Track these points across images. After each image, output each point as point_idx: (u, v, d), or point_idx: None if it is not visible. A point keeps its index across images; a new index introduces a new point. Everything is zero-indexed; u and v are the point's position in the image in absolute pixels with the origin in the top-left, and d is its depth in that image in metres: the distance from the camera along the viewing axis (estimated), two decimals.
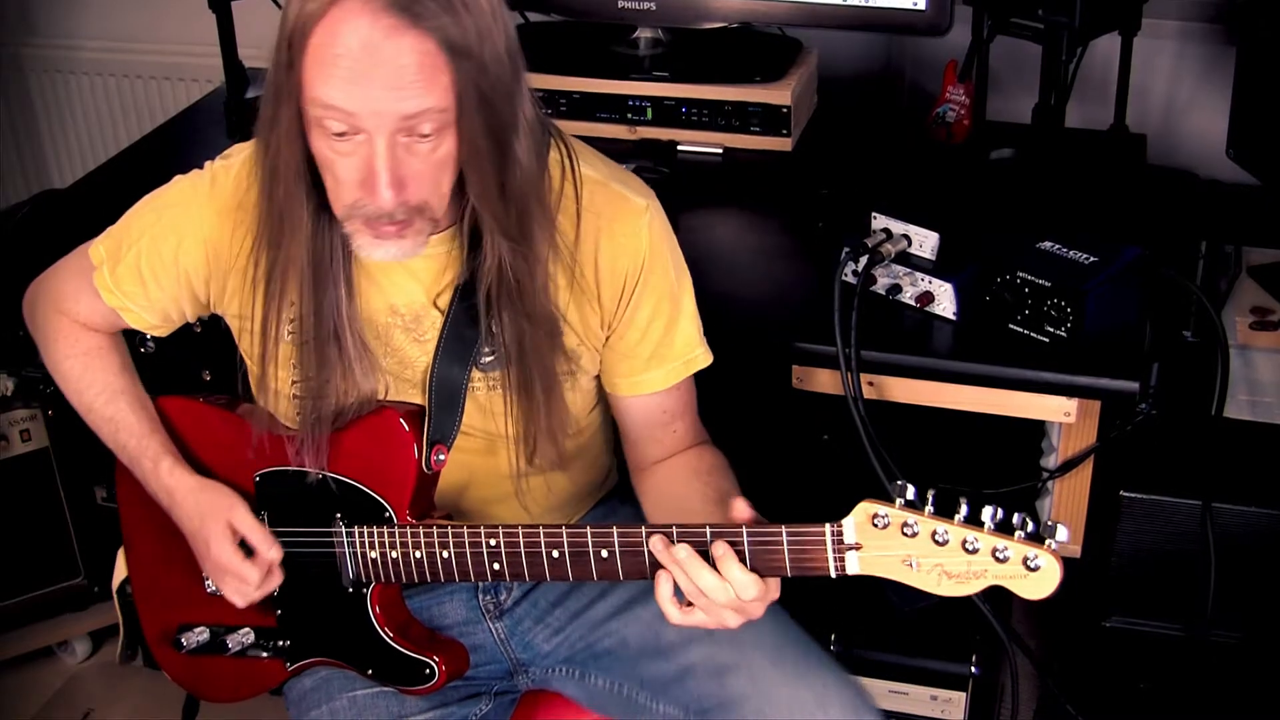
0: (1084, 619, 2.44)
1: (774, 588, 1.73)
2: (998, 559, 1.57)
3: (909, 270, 2.26)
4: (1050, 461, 2.39)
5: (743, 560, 1.69)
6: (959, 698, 2.43)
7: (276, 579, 1.94)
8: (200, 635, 2.05)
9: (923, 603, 2.41)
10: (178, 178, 1.95)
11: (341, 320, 1.82)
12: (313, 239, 1.77)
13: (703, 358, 2.00)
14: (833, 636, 2.44)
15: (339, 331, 1.82)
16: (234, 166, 1.89)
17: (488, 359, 1.90)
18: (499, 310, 1.82)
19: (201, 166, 1.94)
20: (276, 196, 1.75)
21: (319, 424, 1.86)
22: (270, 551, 1.91)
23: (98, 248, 1.98)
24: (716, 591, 1.69)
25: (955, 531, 1.59)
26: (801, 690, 1.88)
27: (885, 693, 2.45)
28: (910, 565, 1.62)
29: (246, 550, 1.92)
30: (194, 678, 2.12)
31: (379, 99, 1.61)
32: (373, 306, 1.88)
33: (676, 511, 1.89)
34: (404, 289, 1.88)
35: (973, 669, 2.42)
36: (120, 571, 2.17)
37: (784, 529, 1.67)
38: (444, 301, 1.88)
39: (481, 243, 1.79)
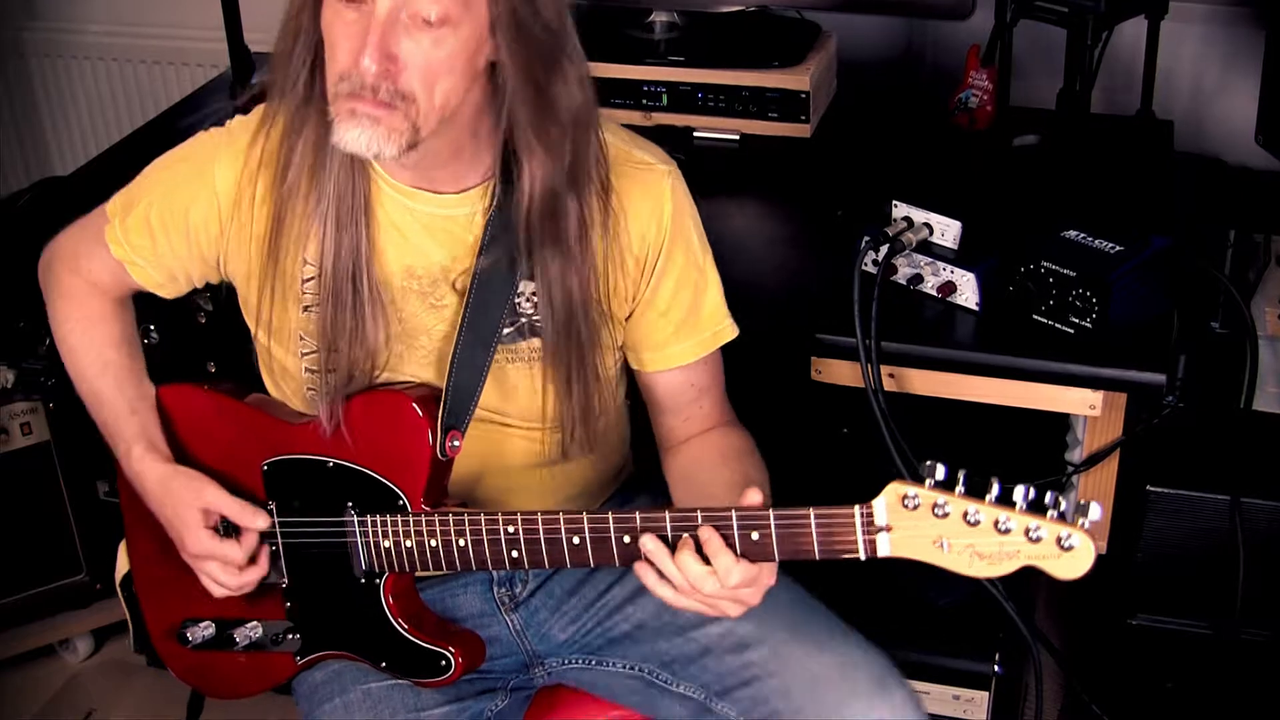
0: (1110, 617, 2.44)
1: (767, 573, 1.71)
2: (1031, 539, 1.55)
3: (930, 260, 2.24)
4: (1075, 456, 2.38)
5: (769, 544, 1.67)
6: (982, 697, 2.40)
7: (263, 565, 1.91)
8: (206, 630, 2.03)
9: (956, 596, 2.41)
10: (199, 133, 1.94)
11: (360, 260, 1.81)
12: (336, 177, 1.78)
13: (730, 329, 1.99)
14: None
15: (356, 273, 1.81)
16: (252, 123, 1.88)
17: (509, 329, 1.88)
18: (537, 255, 1.82)
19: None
20: (297, 69, 1.76)
21: (336, 386, 1.85)
22: (255, 521, 1.88)
23: (114, 201, 1.98)
24: (703, 581, 1.68)
25: (987, 511, 1.57)
26: (825, 661, 1.87)
27: None
28: (941, 546, 1.60)
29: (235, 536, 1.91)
30: (199, 674, 2.10)
31: None
32: (389, 268, 1.86)
33: (701, 497, 1.87)
34: (423, 250, 1.86)
35: (996, 668, 2.40)
36: (123, 564, 2.15)
37: (812, 511, 1.65)
38: (465, 269, 1.86)
39: (514, 191, 1.79)
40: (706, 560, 1.68)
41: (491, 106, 1.75)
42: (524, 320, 1.88)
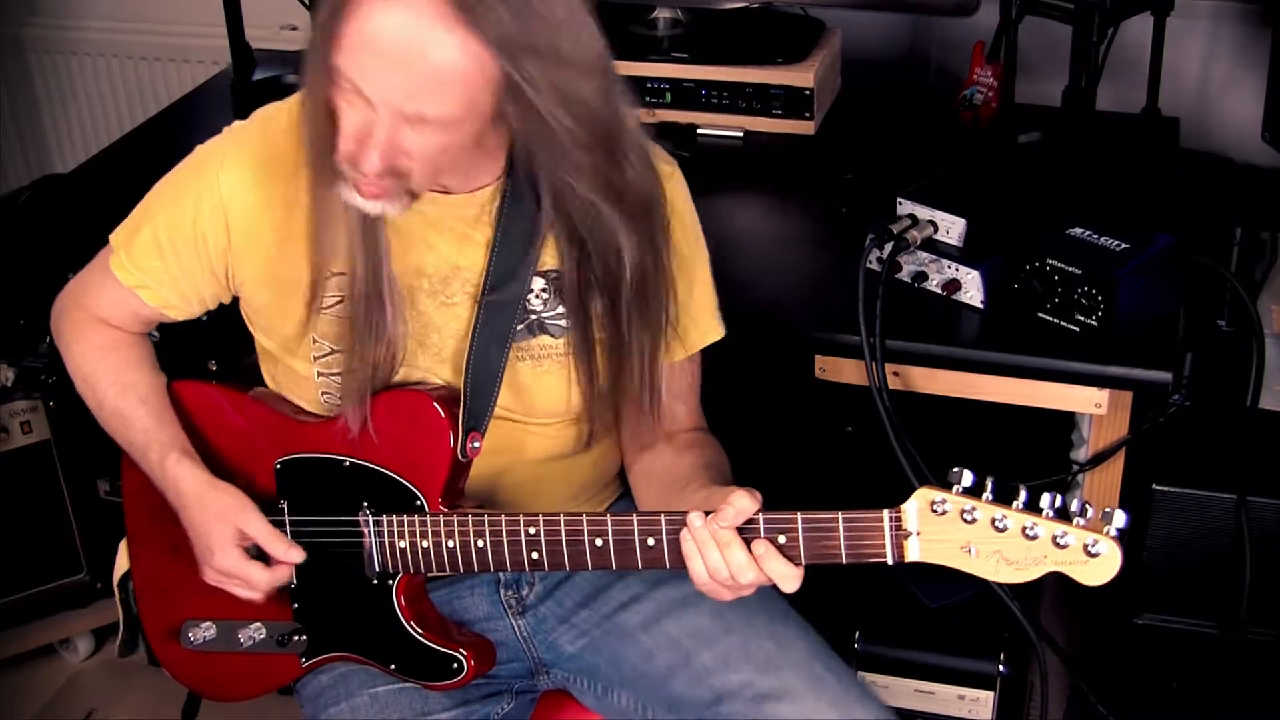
0: (1115, 616, 2.44)
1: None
2: (1058, 545, 1.57)
3: (935, 257, 2.24)
4: (1080, 454, 2.38)
5: (796, 547, 1.67)
6: (987, 697, 2.40)
7: (284, 576, 1.90)
8: (207, 631, 2.01)
9: (950, 599, 2.39)
10: (196, 148, 1.92)
11: (380, 258, 1.80)
12: None
13: (716, 331, 1.98)
14: (857, 634, 2.41)
15: (377, 272, 1.80)
16: (253, 125, 1.87)
17: (520, 327, 1.88)
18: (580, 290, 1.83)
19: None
20: (315, 132, 1.73)
21: (360, 386, 1.83)
22: (289, 554, 1.87)
23: (117, 232, 1.95)
24: (745, 571, 1.68)
25: (1015, 518, 1.58)
26: None
27: (911, 692, 2.43)
28: (969, 552, 1.61)
29: (261, 559, 1.89)
30: (199, 676, 2.08)
31: (396, 93, 1.60)
32: (402, 267, 1.85)
33: (669, 487, 1.89)
34: (433, 249, 1.86)
35: (1001, 668, 2.39)
36: (122, 564, 2.13)
37: (840, 515, 1.66)
38: (475, 267, 1.85)
39: (526, 192, 1.80)
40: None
41: (501, 123, 1.73)
42: (534, 317, 1.88)
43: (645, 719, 1.97)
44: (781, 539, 1.67)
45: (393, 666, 1.92)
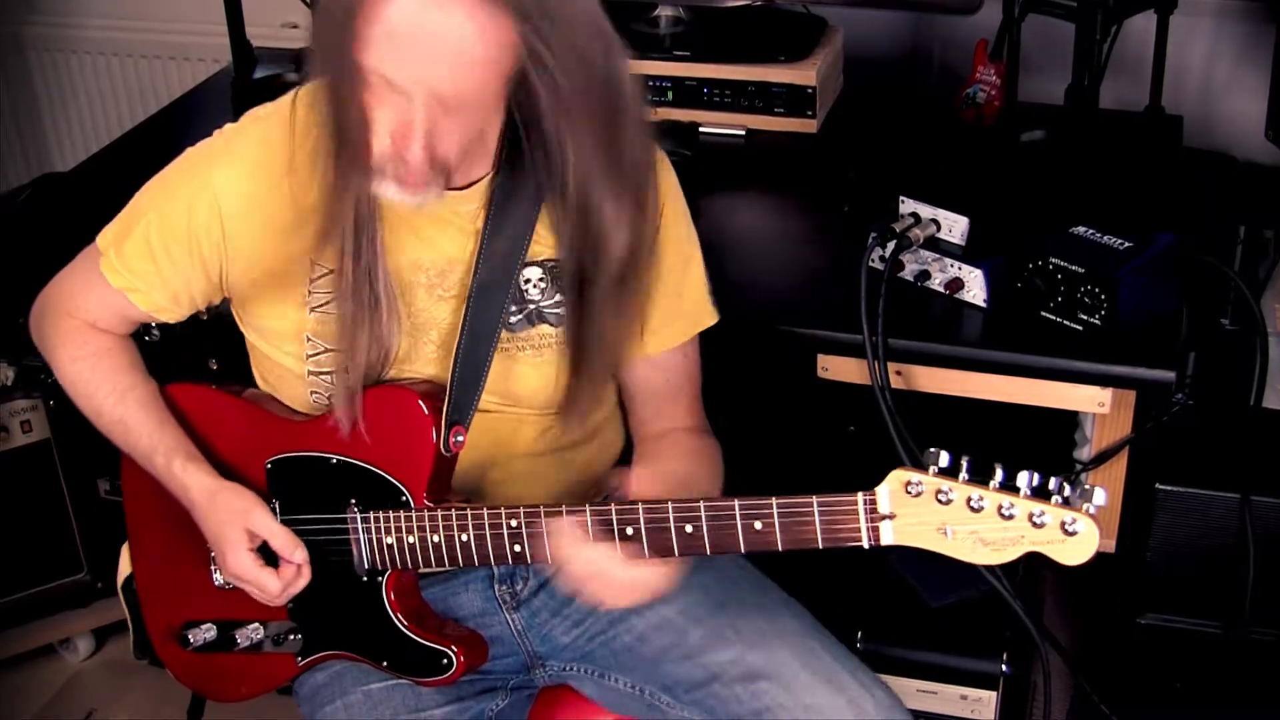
0: (1118, 616, 2.42)
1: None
2: (1035, 524, 1.55)
3: (938, 256, 2.23)
4: (1083, 453, 2.38)
5: (772, 533, 1.67)
6: (990, 697, 2.39)
7: (304, 579, 1.90)
8: (207, 632, 2.02)
9: (953, 597, 2.38)
10: (186, 150, 1.92)
11: (376, 257, 1.80)
12: (352, 181, 1.76)
13: (710, 315, 1.98)
14: (860, 634, 2.40)
15: (373, 270, 1.80)
16: (244, 126, 1.87)
17: (517, 317, 1.88)
18: (576, 275, 1.83)
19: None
20: (347, 131, 1.71)
21: (352, 384, 1.83)
22: (294, 554, 1.87)
23: (105, 235, 1.95)
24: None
25: (991, 497, 1.57)
26: (836, 697, 1.86)
27: (914, 692, 2.41)
28: (945, 533, 1.60)
29: (269, 554, 1.89)
30: (201, 676, 2.09)
31: (428, 76, 1.60)
32: (399, 263, 1.85)
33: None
34: (434, 243, 1.86)
35: (1004, 667, 2.38)
36: (125, 567, 2.13)
37: (815, 499, 1.65)
38: (471, 258, 1.85)
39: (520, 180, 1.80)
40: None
41: (501, 106, 1.73)
42: (532, 307, 1.88)
43: (644, 701, 1.97)
44: (758, 524, 1.67)
45: (385, 663, 1.93)
